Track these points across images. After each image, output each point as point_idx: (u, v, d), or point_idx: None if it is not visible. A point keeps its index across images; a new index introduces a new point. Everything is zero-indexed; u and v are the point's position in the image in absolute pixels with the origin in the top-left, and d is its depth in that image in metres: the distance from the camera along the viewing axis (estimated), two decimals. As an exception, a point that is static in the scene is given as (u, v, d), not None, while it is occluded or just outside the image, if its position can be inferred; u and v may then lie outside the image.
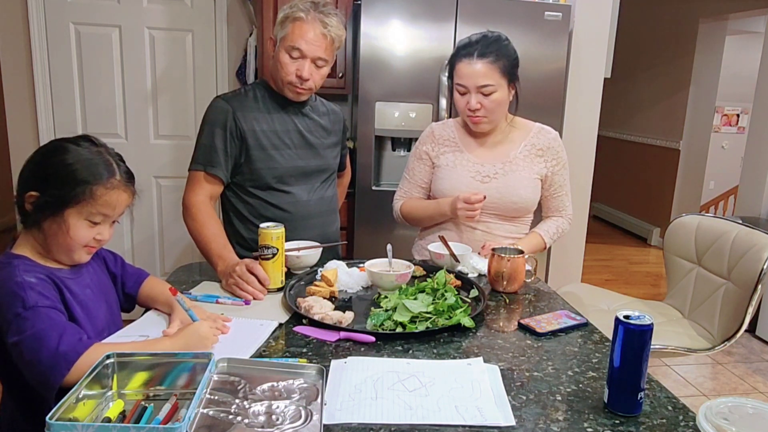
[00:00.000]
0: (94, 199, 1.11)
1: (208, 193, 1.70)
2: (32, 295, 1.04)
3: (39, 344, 1.00)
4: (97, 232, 1.15)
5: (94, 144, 1.16)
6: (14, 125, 3.16)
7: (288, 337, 1.24)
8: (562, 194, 1.86)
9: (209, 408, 0.91)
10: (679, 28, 5.48)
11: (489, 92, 1.65)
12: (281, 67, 1.66)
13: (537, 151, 1.79)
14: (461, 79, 1.66)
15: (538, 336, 1.29)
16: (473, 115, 1.70)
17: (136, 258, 3.45)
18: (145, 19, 3.18)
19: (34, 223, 1.12)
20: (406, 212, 1.89)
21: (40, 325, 1.01)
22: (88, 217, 1.12)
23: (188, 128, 3.32)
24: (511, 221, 1.82)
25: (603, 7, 3.07)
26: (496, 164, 1.77)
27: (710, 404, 0.92)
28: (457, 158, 1.80)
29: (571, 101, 3.12)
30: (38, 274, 1.09)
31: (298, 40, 1.62)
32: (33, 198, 1.10)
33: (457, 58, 1.68)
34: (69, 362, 0.99)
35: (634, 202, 6.21)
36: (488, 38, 1.66)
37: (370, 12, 2.64)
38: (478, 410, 0.97)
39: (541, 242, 1.82)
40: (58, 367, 0.99)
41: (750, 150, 4.03)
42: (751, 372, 3.21)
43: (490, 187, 1.75)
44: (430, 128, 1.88)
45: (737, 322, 1.92)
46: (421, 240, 1.93)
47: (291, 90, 1.70)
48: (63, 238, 1.12)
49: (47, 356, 0.99)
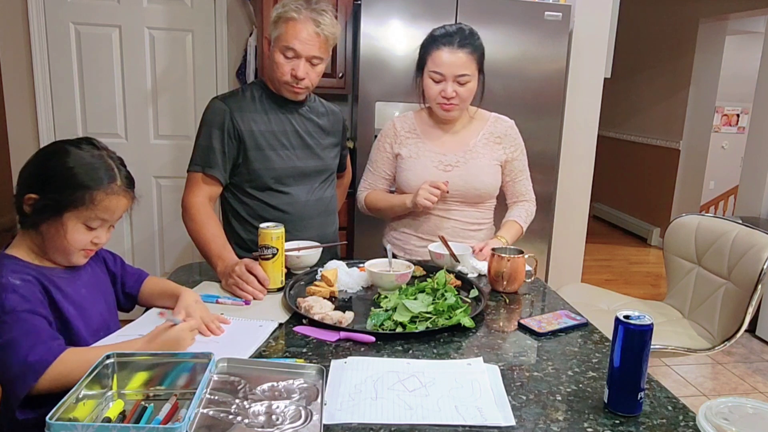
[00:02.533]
0: (94, 204, 1.11)
1: (207, 194, 1.70)
2: (12, 298, 1.03)
3: (10, 352, 0.98)
4: (95, 236, 1.15)
5: (95, 147, 1.15)
6: (14, 125, 3.16)
7: (288, 337, 1.24)
8: (522, 179, 1.91)
9: (209, 408, 0.91)
10: (679, 28, 5.48)
11: (465, 81, 1.70)
12: (277, 67, 1.66)
13: (495, 138, 1.86)
14: (439, 67, 1.69)
15: (538, 336, 1.29)
16: (446, 103, 1.73)
17: (136, 258, 3.45)
18: (145, 19, 3.18)
19: (32, 224, 1.11)
20: (370, 203, 1.93)
21: (14, 333, 1.00)
22: (86, 221, 1.12)
23: (188, 128, 3.31)
24: (475, 207, 1.87)
25: (603, 7, 3.07)
26: (458, 153, 1.82)
27: (710, 404, 0.92)
28: (420, 149, 1.84)
29: (571, 101, 3.12)
30: (25, 276, 1.08)
31: (291, 40, 1.62)
32: (32, 200, 1.09)
33: (435, 45, 1.69)
34: (36, 373, 0.97)
35: (634, 202, 6.21)
36: (465, 30, 1.71)
37: (370, 12, 2.64)
38: (478, 410, 0.97)
39: (520, 228, 1.87)
40: (24, 378, 0.97)
41: (750, 150, 4.03)
42: (751, 372, 3.21)
43: (453, 175, 1.80)
44: (392, 122, 1.92)
45: (737, 322, 1.92)
46: (393, 231, 1.95)
47: (287, 90, 1.70)
48: (60, 241, 1.11)
49: (16, 365, 0.98)
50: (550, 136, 2.94)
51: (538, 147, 2.92)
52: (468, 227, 1.86)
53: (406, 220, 1.89)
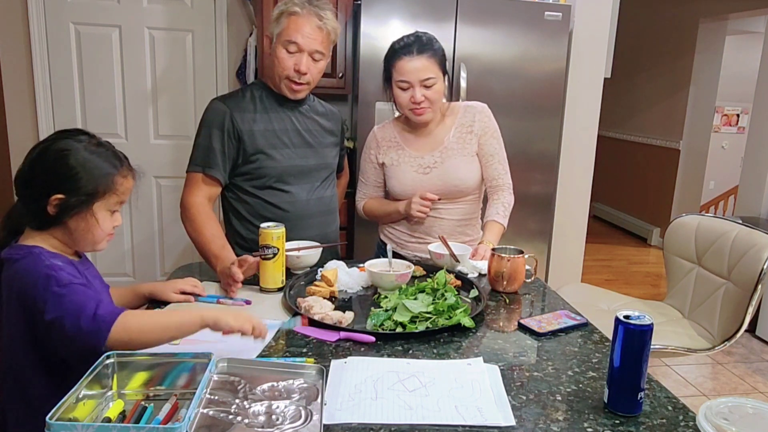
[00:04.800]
0: (116, 189, 1.16)
1: (207, 194, 1.70)
2: (64, 274, 1.08)
3: (79, 314, 1.03)
4: (115, 220, 1.20)
5: (90, 137, 1.18)
6: (14, 125, 3.16)
7: (288, 337, 1.24)
8: (494, 162, 1.89)
9: (209, 408, 0.91)
10: (679, 28, 5.48)
11: (431, 84, 1.74)
12: (279, 62, 1.67)
13: (467, 128, 1.87)
14: (404, 75, 1.74)
15: (538, 336, 1.29)
16: (418, 107, 1.77)
17: (136, 258, 3.45)
18: (145, 19, 3.18)
19: (58, 223, 1.13)
20: (368, 212, 2.00)
21: (78, 297, 1.05)
22: (111, 207, 1.17)
23: (188, 128, 3.31)
24: (461, 201, 1.89)
25: (603, 7, 3.07)
26: (434, 153, 1.86)
27: (710, 404, 0.92)
28: (400, 156, 1.89)
29: (571, 101, 3.12)
30: (61, 260, 1.13)
31: (294, 34, 1.63)
32: (58, 200, 1.11)
33: (397, 56, 1.75)
34: (108, 324, 1.02)
35: (634, 202, 6.21)
36: (422, 38, 1.76)
37: (370, 12, 2.64)
38: (478, 410, 0.97)
39: (501, 227, 1.88)
40: (99, 331, 1.02)
41: (750, 150, 4.03)
42: (751, 372, 3.21)
43: (432, 177, 1.84)
44: (373, 132, 1.98)
45: (737, 322, 1.92)
46: (386, 227, 1.99)
47: (288, 86, 1.70)
48: (93, 231, 1.15)
49: (87, 323, 1.02)
50: (550, 136, 2.94)
51: (538, 147, 2.93)
52: (459, 223, 1.89)
53: (401, 221, 1.93)
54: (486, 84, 2.79)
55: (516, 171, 1.97)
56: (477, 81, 2.76)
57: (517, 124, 2.84)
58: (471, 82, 2.73)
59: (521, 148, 2.81)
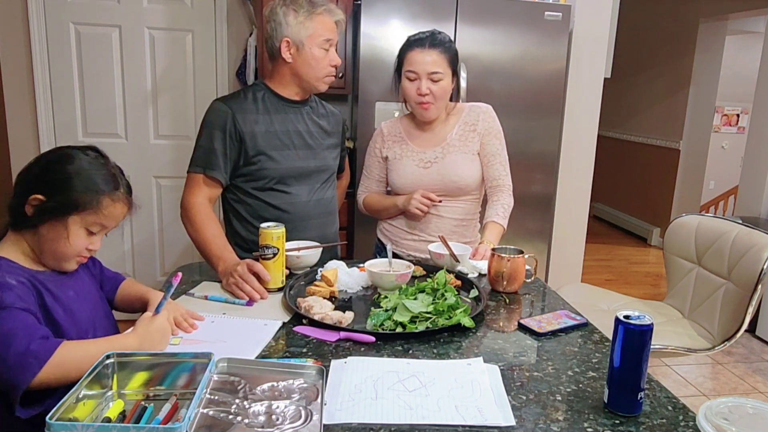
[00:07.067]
0: (100, 209, 1.13)
1: (207, 195, 1.70)
2: (9, 295, 1.02)
3: (8, 343, 0.97)
4: (91, 242, 1.16)
5: (100, 155, 1.18)
6: (14, 125, 3.16)
7: (288, 337, 1.24)
8: (495, 163, 1.90)
9: (209, 408, 0.91)
10: (679, 28, 5.48)
11: (437, 79, 1.77)
12: (317, 62, 1.71)
13: (470, 126, 1.89)
14: (413, 66, 1.78)
15: (538, 336, 1.29)
16: (422, 100, 1.80)
17: (136, 258, 3.45)
18: (145, 19, 3.18)
19: (31, 226, 1.11)
20: (368, 205, 2.03)
21: (12, 325, 0.99)
22: (89, 226, 1.14)
23: (188, 128, 3.32)
24: (460, 200, 1.90)
25: (603, 7, 3.07)
26: (436, 149, 1.89)
27: (710, 404, 0.92)
28: (403, 150, 1.92)
29: (571, 101, 3.12)
30: (19, 277, 1.08)
31: (328, 32, 1.70)
32: (37, 201, 1.09)
33: (409, 48, 1.80)
34: (41, 360, 0.96)
35: (634, 202, 6.21)
36: (437, 34, 1.80)
37: (370, 12, 2.64)
38: (478, 410, 0.97)
39: (501, 228, 1.89)
40: (27, 366, 0.96)
41: (750, 150, 4.03)
42: (751, 372, 3.21)
43: (432, 171, 1.87)
44: (380, 127, 2.01)
45: (737, 322, 1.92)
46: (385, 223, 2.02)
47: (328, 82, 1.77)
48: (60, 244, 1.12)
49: (16, 355, 0.96)
50: (550, 136, 2.94)
51: (538, 147, 2.93)
52: (457, 222, 1.90)
53: (399, 217, 1.96)
54: (486, 84, 2.79)
55: (516, 171, 1.97)
56: (477, 81, 2.76)
57: (517, 124, 2.84)
58: (471, 82, 2.73)
59: (521, 148, 2.81)
